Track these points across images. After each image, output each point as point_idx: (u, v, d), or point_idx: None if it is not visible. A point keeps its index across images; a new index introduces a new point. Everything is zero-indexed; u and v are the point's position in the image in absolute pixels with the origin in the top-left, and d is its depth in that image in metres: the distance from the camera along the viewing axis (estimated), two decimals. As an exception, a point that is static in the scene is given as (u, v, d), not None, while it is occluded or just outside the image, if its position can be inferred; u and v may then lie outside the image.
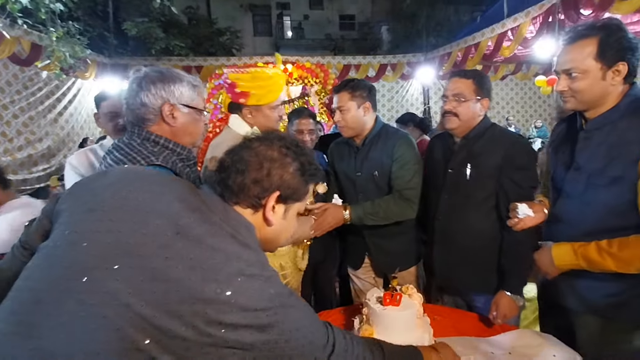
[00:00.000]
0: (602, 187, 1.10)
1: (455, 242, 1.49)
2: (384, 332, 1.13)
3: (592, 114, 1.14)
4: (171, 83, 1.04)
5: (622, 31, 1.07)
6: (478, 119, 1.45)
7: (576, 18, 4.08)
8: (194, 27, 11.19)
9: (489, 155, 1.41)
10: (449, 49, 6.89)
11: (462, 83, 1.43)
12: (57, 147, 6.16)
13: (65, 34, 4.35)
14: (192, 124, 1.10)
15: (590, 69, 1.07)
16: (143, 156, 0.97)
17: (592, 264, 1.09)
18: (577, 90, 1.10)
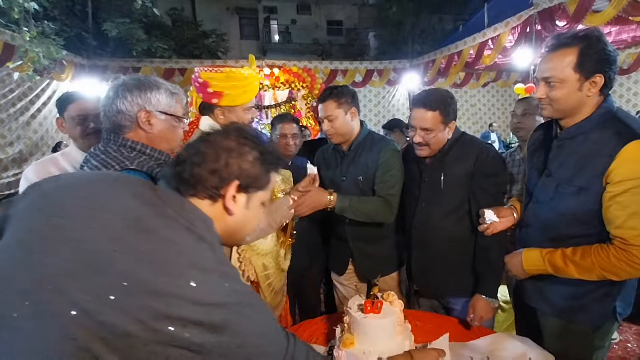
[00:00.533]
0: (569, 195, 1.13)
1: (432, 248, 1.52)
2: (365, 340, 1.12)
3: (567, 122, 1.16)
4: (147, 90, 1.04)
5: (602, 43, 1.06)
6: (447, 140, 1.47)
7: (552, 29, 4.25)
8: (178, 29, 11.03)
9: (460, 163, 1.45)
10: (433, 56, 7.04)
11: (429, 115, 1.41)
12: (29, 151, 5.91)
13: (40, 34, 4.20)
14: (170, 131, 1.09)
15: (568, 78, 1.08)
16: (117, 161, 0.97)
17: (557, 269, 1.13)
18: (554, 98, 1.11)
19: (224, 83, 1.37)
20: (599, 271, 1.07)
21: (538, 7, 4.35)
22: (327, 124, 1.62)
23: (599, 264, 1.06)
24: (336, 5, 18.50)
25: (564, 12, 4.07)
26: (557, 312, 1.23)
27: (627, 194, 1.01)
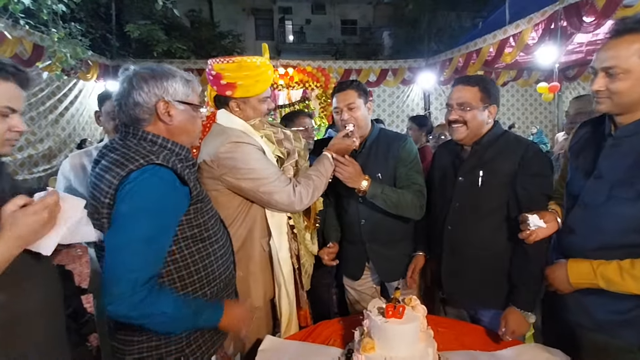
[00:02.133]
0: (627, 200, 1.02)
1: (465, 253, 1.43)
2: (386, 345, 1.10)
3: (625, 119, 1.05)
4: (164, 79, 1.00)
5: None
6: (487, 126, 1.40)
7: (578, 25, 4.08)
8: (196, 30, 11.24)
9: (503, 161, 1.34)
10: (450, 55, 6.89)
11: (467, 91, 1.37)
12: (58, 148, 6.15)
13: (67, 35, 4.34)
14: (189, 122, 1.06)
15: (633, 68, 0.97)
16: (142, 155, 0.94)
17: (611, 284, 1.03)
18: (616, 91, 1.00)
19: (236, 73, 1.33)
20: None
21: (564, 2, 4.18)
22: (347, 113, 1.57)
23: None
24: (351, 5, 18.39)
25: (592, 7, 3.89)
26: (598, 327, 1.12)
27: None
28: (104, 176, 0.94)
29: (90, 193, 0.98)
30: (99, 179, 0.96)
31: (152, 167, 0.92)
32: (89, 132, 6.88)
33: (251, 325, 1.19)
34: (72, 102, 6.40)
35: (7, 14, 3.81)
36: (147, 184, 0.91)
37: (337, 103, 1.61)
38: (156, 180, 0.92)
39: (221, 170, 1.30)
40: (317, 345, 1.34)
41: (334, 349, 1.32)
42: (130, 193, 0.90)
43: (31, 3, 3.48)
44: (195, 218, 1.03)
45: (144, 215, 0.90)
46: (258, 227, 1.41)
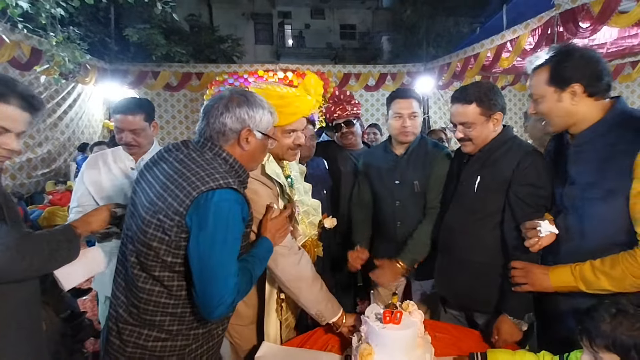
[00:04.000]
0: (598, 201, 1.09)
1: (456, 254, 1.45)
2: (384, 351, 1.10)
3: (575, 129, 1.17)
4: (254, 108, 1.07)
5: (572, 56, 1.13)
6: (494, 134, 1.39)
7: (575, 31, 4.11)
8: (195, 34, 11.28)
9: (501, 166, 1.34)
10: (448, 60, 6.94)
11: (465, 110, 1.36)
12: (57, 151, 6.14)
13: (66, 39, 4.35)
14: (260, 150, 1.13)
15: (545, 93, 1.16)
16: (221, 174, 1.00)
17: (588, 284, 1.07)
18: (542, 112, 1.19)
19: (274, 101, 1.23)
20: (631, 279, 1.01)
21: (560, 8, 4.22)
22: (408, 120, 1.66)
23: (630, 272, 1.01)
24: (350, 10, 18.53)
25: (588, 13, 3.93)
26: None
27: None
28: (182, 184, 0.99)
29: (159, 194, 1.01)
30: (174, 184, 1.00)
31: (230, 192, 0.99)
32: (87, 136, 6.87)
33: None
34: (70, 106, 6.40)
35: (5, 17, 3.82)
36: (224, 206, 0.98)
37: (400, 109, 1.68)
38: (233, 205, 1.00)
39: None
40: (315, 352, 1.33)
41: (332, 355, 1.31)
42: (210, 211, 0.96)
43: (29, 7, 3.48)
44: (243, 239, 1.09)
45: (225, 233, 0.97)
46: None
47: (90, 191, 1.70)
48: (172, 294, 1.02)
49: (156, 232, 0.99)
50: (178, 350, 1.06)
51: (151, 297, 1.02)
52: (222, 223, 0.97)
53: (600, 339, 0.90)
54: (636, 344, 0.86)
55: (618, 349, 0.88)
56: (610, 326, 0.89)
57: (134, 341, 1.04)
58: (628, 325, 0.88)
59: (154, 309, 1.02)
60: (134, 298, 1.04)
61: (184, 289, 1.03)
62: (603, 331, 0.90)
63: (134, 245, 1.03)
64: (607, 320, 0.90)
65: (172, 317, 1.03)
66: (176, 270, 1.01)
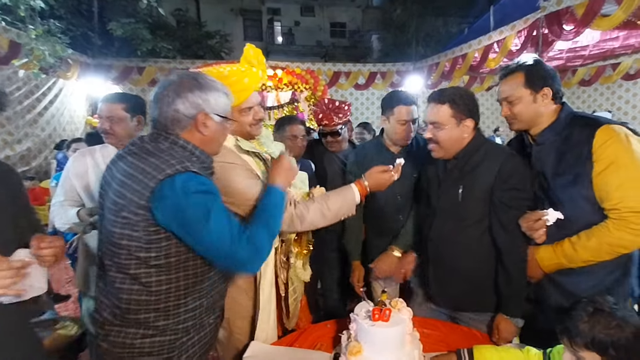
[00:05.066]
0: (569, 186, 1.23)
1: (448, 263, 1.45)
2: (373, 349, 1.10)
3: (534, 131, 1.33)
4: (207, 91, 1.03)
5: (541, 64, 1.30)
6: (464, 140, 1.38)
7: (559, 32, 4.22)
8: (182, 29, 11.06)
9: (482, 173, 1.34)
10: (437, 59, 7.02)
11: (437, 109, 1.37)
12: (37, 149, 5.94)
13: (46, 32, 4.21)
14: (221, 133, 1.09)
15: (522, 95, 1.29)
16: (178, 160, 0.96)
17: (570, 259, 1.20)
18: (516, 113, 1.31)
19: None
20: (608, 247, 1.15)
21: (545, 10, 4.32)
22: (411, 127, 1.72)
23: (605, 241, 1.15)
24: (339, 8, 18.53)
25: (571, 16, 4.03)
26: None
27: (607, 171, 1.15)
28: (138, 177, 0.95)
29: (117, 192, 0.98)
30: (130, 178, 0.96)
31: (190, 175, 0.95)
32: (69, 133, 6.66)
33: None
34: (51, 102, 6.19)
35: (-18, 9, 3.66)
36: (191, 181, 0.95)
37: (405, 116, 1.71)
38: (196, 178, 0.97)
39: None
40: (305, 350, 1.33)
41: (322, 353, 1.30)
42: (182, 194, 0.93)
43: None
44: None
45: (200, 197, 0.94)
46: None
47: (76, 186, 1.70)
48: (151, 290, 0.99)
49: (123, 230, 0.96)
50: (168, 345, 1.04)
51: (131, 296, 0.99)
52: (196, 200, 0.94)
53: (579, 338, 0.92)
54: (613, 342, 0.88)
55: (596, 347, 0.90)
56: (588, 325, 0.91)
57: (122, 341, 1.01)
58: (605, 324, 0.90)
59: (137, 307, 1.00)
60: (115, 299, 1.01)
61: (163, 284, 1.00)
62: (581, 330, 0.92)
63: (107, 247, 1.01)
64: (585, 320, 0.92)
65: (156, 313, 1.01)
66: (152, 265, 0.98)
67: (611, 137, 1.16)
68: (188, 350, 1.07)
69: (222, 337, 1.38)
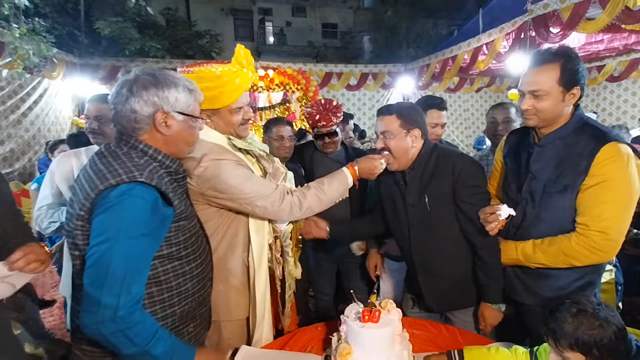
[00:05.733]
0: (556, 194, 1.24)
1: (438, 271, 1.50)
2: (363, 350, 1.10)
3: (546, 130, 1.28)
4: (165, 88, 0.95)
5: (579, 60, 1.21)
6: (414, 150, 1.44)
7: (546, 35, 4.29)
8: (171, 28, 10.90)
9: (440, 181, 1.41)
10: (427, 61, 7.08)
11: (386, 120, 1.43)
12: (21, 150, 5.78)
13: (30, 31, 4.12)
14: (187, 132, 1.02)
15: (553, 91, 1.19)
16: (126, 169, 0.89)
17: (527, 258, 1.28)
18: (541, 109, 1.22)
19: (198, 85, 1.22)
20: (563, 257, 1.21)
21: (532, 13, 4.39)
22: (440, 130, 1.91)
23: (563, 250, 1.20)
24: (331, 8, 18.56)
25: (558, 19, 4.11)
26: (544, 303, 1.27)
27: (597, 187, 1.15)
28: (84, 187, 0.91)
29: (70, 199, 0.95)
30: (80, 187, 0.93)
31: (133, 186, 0.87)
32: (55, 134, 6.51)
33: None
34: (36, 102, 6.04)
35: (-37, 6, 3.55)
36: (123, 202, 0.86)
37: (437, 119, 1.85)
38: (137, 201, 0.87)
39: (202, 188, 1.23)
40: (295, 354, 1.32)
41: (313, 356, 1.30)
42: (108, 209, 0.86)
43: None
44: (175, 236, 1.00)
45: (123, 236, 0.85)
46: (240, 242, 1.35)
47: (62, 190, 1.65)
48: None
49: (78, 241, 0.92)
50: None
51: None
52: (120, 221, 0.85)
53: (564, 339, 0.93)
54: (596, 342, 0.90)
55: (581, 347, 0.91)
56: (572, 326, 0.93)
57: (91, 350, 0.99)
58: (588, 325, 0.92)
59: None
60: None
61: None
62: (566, 331, 0.93)
63: (72, 253, 0.98)
64: (569, 321, 0.93)
65: None
66: None
67: (613, 156, 1.13)
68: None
69: (211, 343, 1.35)
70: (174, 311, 1.03)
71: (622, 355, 0.92)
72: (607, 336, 0.90)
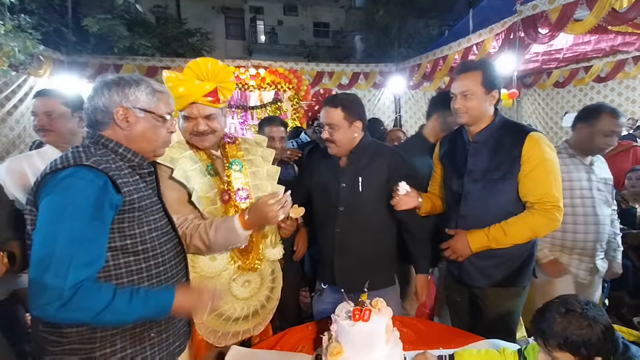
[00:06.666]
0: (498, 181, 1.46)
1: (354, 251, 1.59)
2: (353, 349, 1.10)
3: (475, 128, 1.52)
4: (126, 87, 1.02)
5: (495, 69, 1.51)
6: (355, 139, 1.57)
7: (534, 36, 4.36)
8: (161, 26, 10.76)
9: (376, 168, 1.57)
10: (419, 61, 7.12)
11: (332, 112, 1.54)
12: (6, 149, 5.64)
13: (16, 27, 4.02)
14: (150, 130, 1.06)
15: (478, 92, 1.46)
16: (75, 157, 0.94)
17: (498, 241, 1.43)
18: (470, 107, 1.47)
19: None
20: (529, 232, 1.42)
21: (522, 14, 4.45)
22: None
23: (529, 227, 1.41)
24: (323, 7, 18.54)
25: (546, 20, 4.17)
26: (496, 283, 1.51)
27: (535, 171, 1.40)
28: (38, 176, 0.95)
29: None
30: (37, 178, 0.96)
31: (79, 169, 0.91)
32: (41, 132, 6.37)
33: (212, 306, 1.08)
34: (21, 100, 5.89)
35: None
36: (68, 183, 0.89)
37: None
38: (81, 182, 0.90)
39: None
40: (286, 353, 1.32)
41: (304, 355, 1.30)
42: (52, 191, 0.89)
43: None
44: (129, 228, 0.97)
45: (69, 217, 0.87)
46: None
47: (19, 197, 1.48)
48: None
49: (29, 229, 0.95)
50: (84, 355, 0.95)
51: None
52: (63, 197, 0.87)
53: (552, 339, 0.94)
54: (584, 342, 0.91)
55: (569, 347, 0.92)
56: (561, 326, 0.94)
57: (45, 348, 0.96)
58: (577, 325, 0.93)
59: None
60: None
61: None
62: (555, 331, 0.94)
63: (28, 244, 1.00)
64: (558, 321, 0.94)
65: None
66: None
67: (537, 144, 1.41)
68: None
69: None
70: None
71: (610, 354, 0.93)
72: (596, 336, 0.91)
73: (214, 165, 1.38)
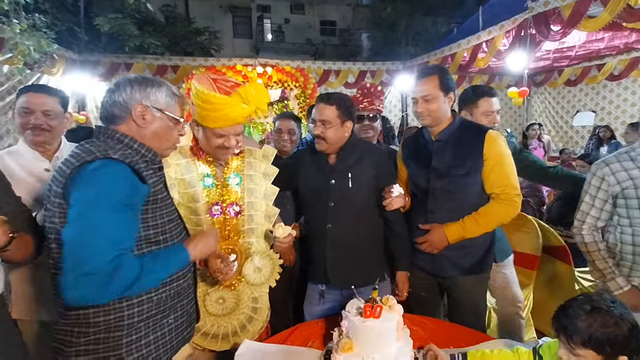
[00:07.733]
0: (464, 176, 1.56)
1: (347, 247, 1.61)
2: (364, 345, 1.11)
3: (437, 129, 1.62)
4: (149, 86, 1.07)
5: (449, 72, 1.62)
6: (344, 139, 1.62)
7: (546, 33, 4.29)
8: (170, 25, 10.85)
9: (364, 165, 1.62)
10: (426, 59, 7.06)
11: (327, 109, 1.57)
12: (18, 145, 5.76)
13: (31, 26, 4.09)
14: (163, 130, 1.10)
15: (437, 94, 1.56)
16: (100, 150, 0.97)
17: (472, 231, 1.55)
18: (432, 110, 1.57)
19: (195, 98, 1.27)
20: (496, 219, 1.56)
21: (533, 11, 4.38)
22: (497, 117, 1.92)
23: (496, 216, 1.55)
24: (330, 6, 18.50)
25: (558, 17, 4.10)
26: (467, 272, 1.62)
27: (497, 165, 1.54)
28: (62, 168, 0.98)
29: (49, 186, 1.01)
30: (59, 172, 0.98)
31: (107, 162, 0.95)
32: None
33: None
34: (35, 98, 6.01)
35: (-38, 2, 3.53)
36: (100, 174, 0.92)
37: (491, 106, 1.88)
38: (111, 172, 0.94)
39: None
40: (297, 348, 1.33)
41: (314, 350, 1.31)
42: (85, 182, 0.92)
43: (-11, -8, 3.25)
44: (152, 218, 1.04)
45: (99, 202, 0.90)
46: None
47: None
48: None
49: (51, 223, 0.97)
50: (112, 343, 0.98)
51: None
52: (97, 187, 0.90)
53: (576, 336, 0.93)
54: (609, 339, 0.90)
55: (594, 344, 0.91)
56: (586, 323, 0.93)
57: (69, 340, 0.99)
58: (602, 322, 0.92)
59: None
60: (58, 297, 0.99)
61: None
62: (579, 328, 0.93)
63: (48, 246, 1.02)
64: (583, 318, 0.93)
65: (95, 308, 0.97)
66: None
67: (496, 141, 1.55)
68: (140, 350, 1.02)
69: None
70: (150, 297, 1.03)
71: (634, 353, 0.92)
72: (622, 334, 0.90)
73: (215, 175, 1.41)
